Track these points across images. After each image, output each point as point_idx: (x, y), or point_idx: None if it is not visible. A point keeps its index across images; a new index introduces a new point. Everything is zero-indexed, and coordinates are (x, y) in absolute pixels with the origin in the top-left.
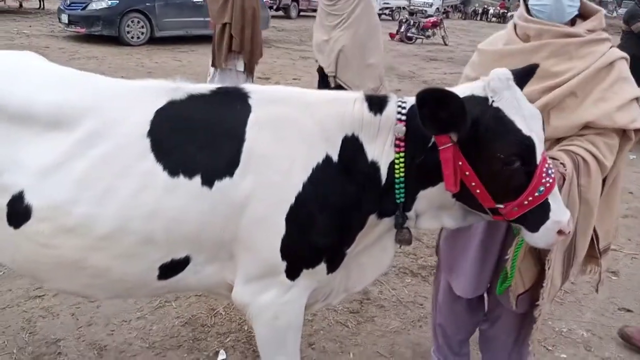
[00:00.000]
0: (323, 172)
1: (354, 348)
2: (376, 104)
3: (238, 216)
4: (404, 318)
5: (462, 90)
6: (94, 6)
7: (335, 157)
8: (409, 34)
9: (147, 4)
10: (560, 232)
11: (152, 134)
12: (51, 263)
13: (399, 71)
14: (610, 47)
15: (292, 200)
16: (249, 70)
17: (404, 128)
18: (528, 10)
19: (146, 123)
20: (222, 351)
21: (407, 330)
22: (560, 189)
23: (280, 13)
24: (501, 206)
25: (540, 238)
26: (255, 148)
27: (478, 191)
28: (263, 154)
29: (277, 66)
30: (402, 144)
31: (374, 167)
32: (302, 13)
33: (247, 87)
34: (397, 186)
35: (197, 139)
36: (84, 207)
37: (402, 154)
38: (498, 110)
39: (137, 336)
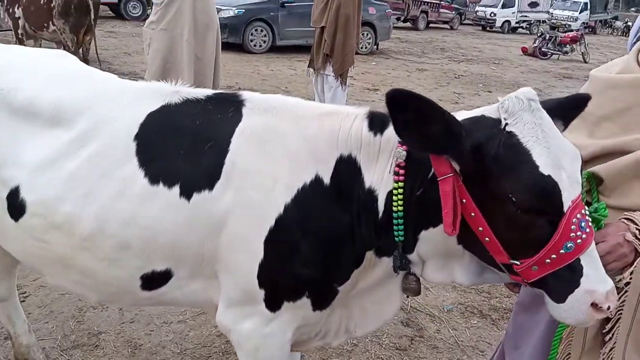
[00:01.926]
0: (310, 194)
1: None
2: (378, 122)
3: (217, 233)
4: None
5: (475, 111)
6: (222, 14)
7: (326, 179)
8: (543, 49)
9: (271, 13)
10: (595, 306)
11: (139, 137)
12: (45, 257)
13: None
14: None
15: (272, 222)
16: (339, 76)
17: (404, 152)
18: None
19: (136, 125)
20: None
21: None
22: (624, 267)
23: (408, 24)
24: (517, 263)
25: (567, 312)
26: (238, 161)
27: (487, 239)
28: (245, 168)
29: (389, 77)
30: (402, 171)
31: (372, 195)
32: (431, 25)
33: (245, 94)
34: (395, 222)
35: (183, 146)
36: (70, 206)
37: (400, 184)
38: (511, 135)
39: (173, 340)
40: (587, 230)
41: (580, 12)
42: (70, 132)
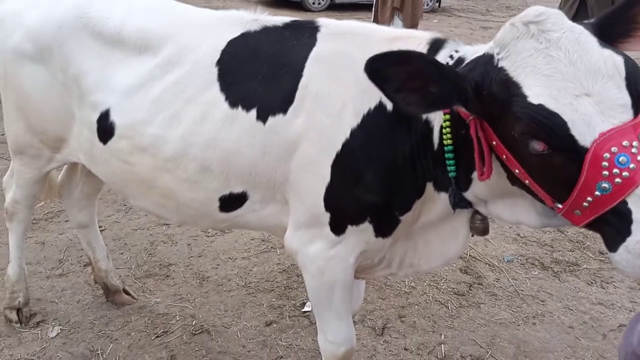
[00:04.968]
0: (374, 120)
1: (448, 331)
2: (434, 49)
3: (289, 157)
4: (516, 311)
5: (480, 47)
6: None
7: (389, 106)
8: None
9: None
10: None
11: (220, 63)
12: (130, 179)
13: None
14: None
15: (339, 146)
16: None
17: None
18: None
19: (217, 52)
20: (308, 303)
21: (517, 324)
22: None
23: None
24: (559, 206)
25: (621, 263)
26: (311, 85)
27: (527, 182)
28: (317, 92)
29: (452, 35)
30: None
31: (428, 127)
32: None
33: (322, 20)
34: (446, 156)
35: (261, 72)
36: (155, 129)
37: (447, 116)
38: (501, 70)
39: (237, 274)
40: (632, 166)
41: None
42: (156, 59)
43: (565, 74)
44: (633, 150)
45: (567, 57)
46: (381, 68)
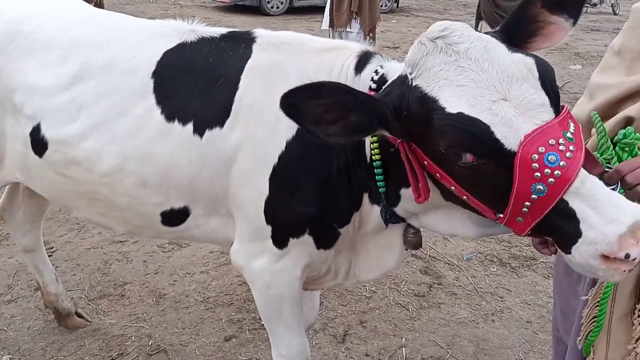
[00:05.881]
0: None
1: (409, 333)
2: (362, 62)
3: (228, 170)
4: (476, 309)
5: (399, 66)
6: None
7: None
8: None
9: None
10: (606, 258)
11: (156, 74)
12: (70, 191)
13: None
14: None
15: (275, 159)
16: (368, 33)
17: None
18: None
19: (153, 63)
20: None
21: (476, 322)
22: None
23: None
24: (500, 216)
25: (576, 265)
26: (246, 97)
27: (464, 197)
28: (251, 104)
29: (410, 35)
30: None
31: (360, 140)
32: None
33: (258, 31)
34: (375, 171)
35: (197, 84)
36: (89, 143)
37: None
38: (416, 89)
39: (196, 289)
40: (562, 164)
41: None
42: (90, 71)
43: (479, 82)
44: (560, 147)
45: (478, 65)
46: (296, 103)
